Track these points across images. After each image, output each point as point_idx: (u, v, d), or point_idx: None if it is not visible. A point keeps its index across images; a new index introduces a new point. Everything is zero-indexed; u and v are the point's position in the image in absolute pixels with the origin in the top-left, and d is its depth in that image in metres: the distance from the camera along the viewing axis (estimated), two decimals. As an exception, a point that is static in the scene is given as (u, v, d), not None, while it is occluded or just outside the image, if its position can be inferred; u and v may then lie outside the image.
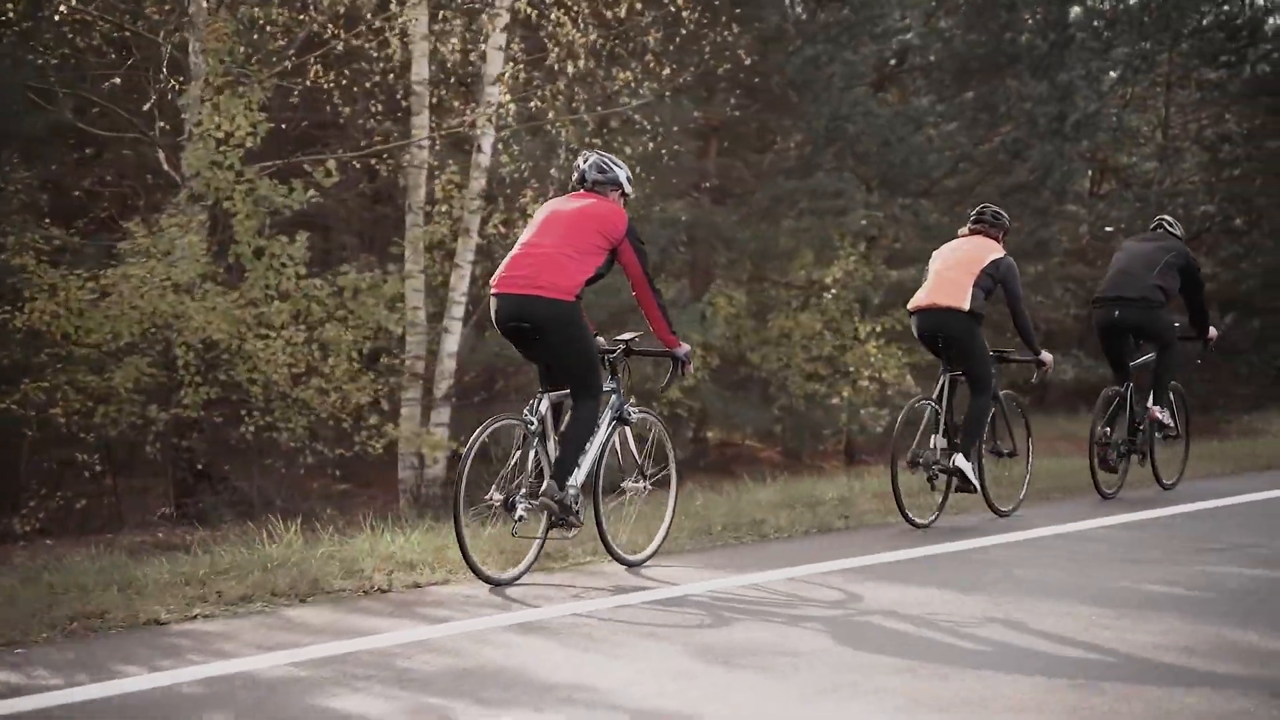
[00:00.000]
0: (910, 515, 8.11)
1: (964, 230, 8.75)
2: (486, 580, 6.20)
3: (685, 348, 6.84)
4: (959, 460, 8.20)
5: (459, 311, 16.22)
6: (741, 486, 10.48)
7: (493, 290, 6.38)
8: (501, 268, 6.40)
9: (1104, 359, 10.17)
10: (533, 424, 6.23)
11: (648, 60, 14.94)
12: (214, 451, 14.63)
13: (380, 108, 16.74)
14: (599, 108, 16.04)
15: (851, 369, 20.48)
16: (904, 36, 21.33)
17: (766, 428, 19.73)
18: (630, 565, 6.76)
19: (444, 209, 15.12)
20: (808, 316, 19.40)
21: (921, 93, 21.09)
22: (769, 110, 19.82)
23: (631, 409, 6.80)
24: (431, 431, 16.11)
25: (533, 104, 15.39)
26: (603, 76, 15.25)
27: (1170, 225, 9.90)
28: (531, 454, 6.23)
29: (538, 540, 6.45)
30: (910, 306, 8.47)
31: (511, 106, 15.69)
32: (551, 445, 6.34)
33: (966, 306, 8.14)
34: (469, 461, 6.03)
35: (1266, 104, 28.21)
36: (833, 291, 20.45)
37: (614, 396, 6.70)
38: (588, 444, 6.43)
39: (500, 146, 16.30)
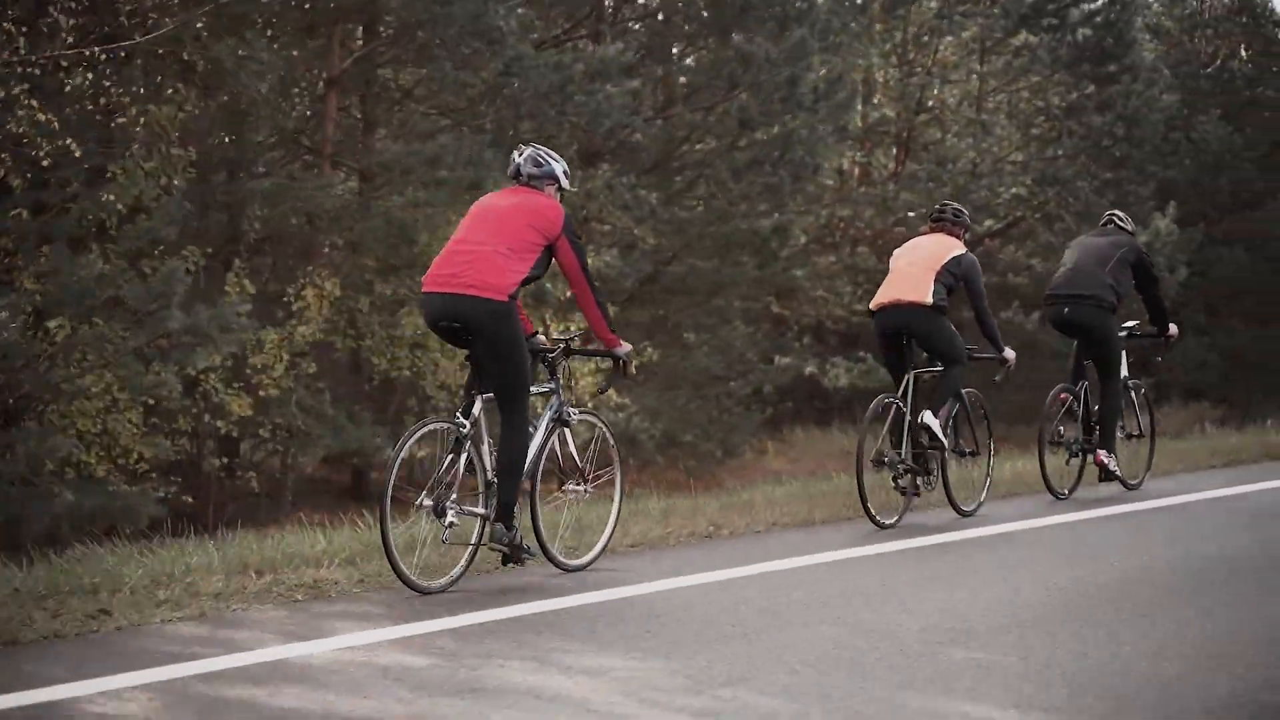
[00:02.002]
0: (875, 515, 8.14)
1: (924, 228, 8.89)
2: (415, 589, 6.03)
3: (626, 346, 6.73)
4: (926, 416, 8.29)
5: None
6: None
7: (423, 289, 6.28)
8: (432, 266, 6.29)
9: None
10: (464, 427, 6.15)
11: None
12: None
13: None
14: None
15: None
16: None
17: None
18: (569, 570, 6.67)
19: None
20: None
21: (610, 43, 17.21)
22: (424, 60, 16.17)
23: (573, 410, 6.74)
24: None
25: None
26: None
27: (1121, 221, 9.82)
28: (463, 458, 6.14)
29: (470, 547, 6.31)
30: (872, 305, 8.50)
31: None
32: (485, 449, 6.27)
33: (929, 301, 8.23)
34: (396, 466, 5.96)
35: (1090, 74, 24.74)
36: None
37: (554, 397, 6.64)
38: (524, 469, 6.32)
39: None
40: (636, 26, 19.11)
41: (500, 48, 15.42)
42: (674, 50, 20.14)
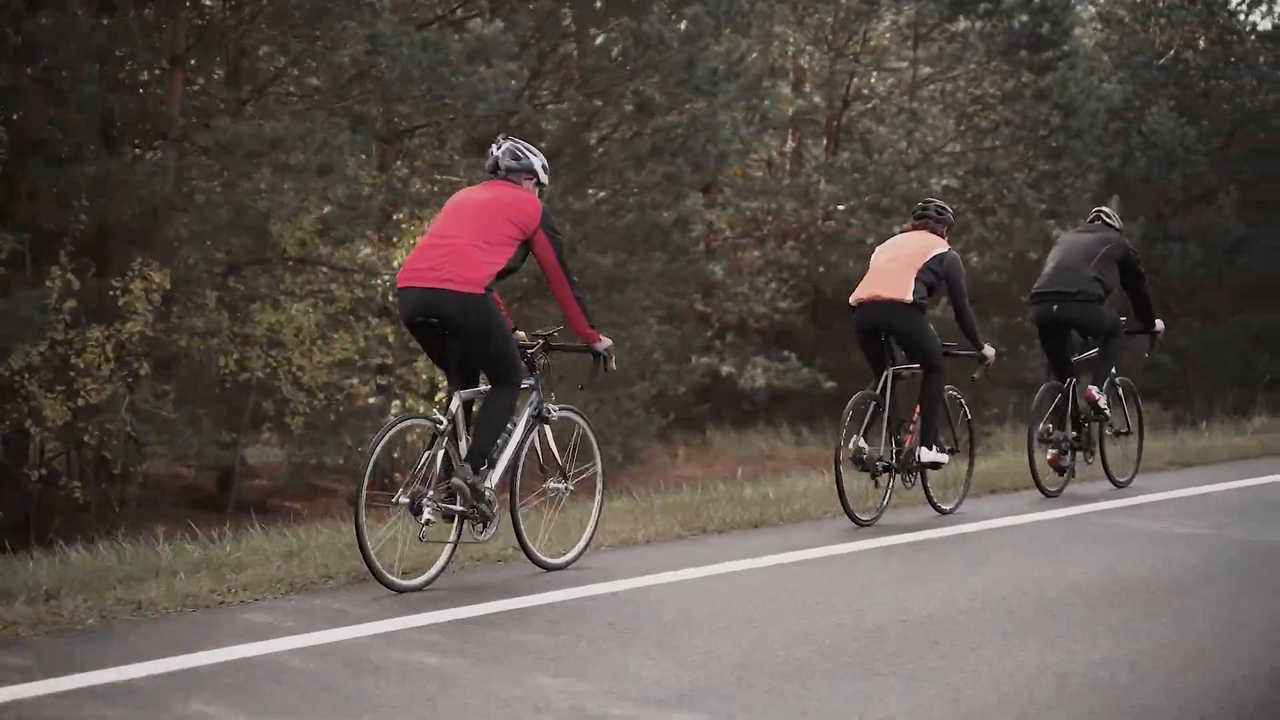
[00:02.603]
0: (854, 512, 8.15)
1: (907, 225, 8.89)
2: (392, 587, 6.00)
3: (606, 342, 6.71)
4: (924, 454, 8.39)
5: None
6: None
7: (399, 284, 6.26)
8: (407, 260, 6.28)
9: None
10: (442, 424, 6.14)
11: None
12: None
13: None
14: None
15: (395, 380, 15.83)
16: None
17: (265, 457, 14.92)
18: (550, 569, 6.67)
19: None
20: (304, 309, 14.54)
21: (490, 22, 15.96)
22: (299, 34, 14.97)
23: (552, 407, 6.71)
24: None
25: None
26: None
27: (1108, 217, 9.87)
28: (440, 455, 6.13)
29: (449, 545, 6.30)
30: (851, 301, 8.50)
31: None
32: (463, 445, 6.27)
33: (909, 298, 8.23)
34: (372, 463, 5.92)
35: (1027, 61, 23.62)
36: (378, 278, 15.71)
37: (533, 394, 6.62)
38: (505, 431, 6.33)
39: None
40: (531, 5, 17.95)
41: (360, 24, 14.23)
42: (589, 31, 18.95)
